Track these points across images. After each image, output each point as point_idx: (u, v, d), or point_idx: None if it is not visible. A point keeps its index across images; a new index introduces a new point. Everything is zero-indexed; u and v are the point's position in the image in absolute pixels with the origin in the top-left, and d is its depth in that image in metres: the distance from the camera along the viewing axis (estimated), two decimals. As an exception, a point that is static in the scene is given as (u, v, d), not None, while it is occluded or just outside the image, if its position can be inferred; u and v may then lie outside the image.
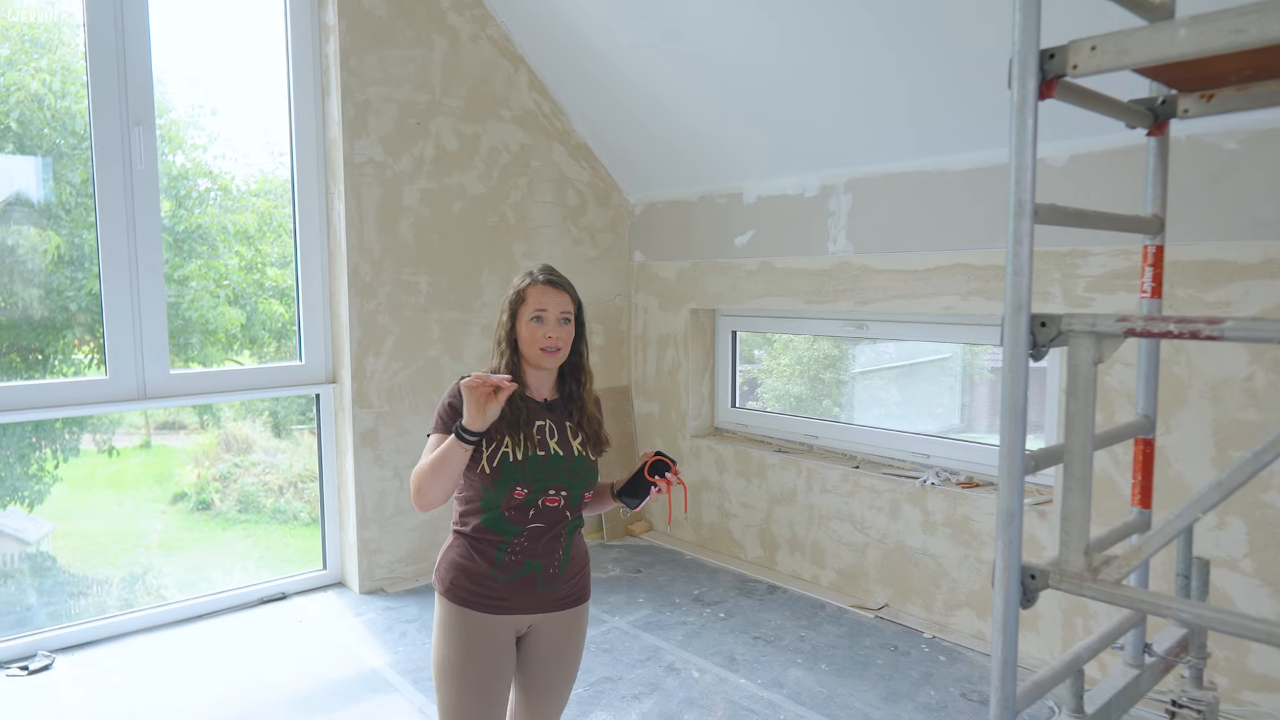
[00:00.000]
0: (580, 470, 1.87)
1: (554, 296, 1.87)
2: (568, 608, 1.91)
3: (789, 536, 3.94)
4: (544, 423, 1.88)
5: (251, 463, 4.19)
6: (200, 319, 3.59)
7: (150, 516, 3.93)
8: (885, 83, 3.09)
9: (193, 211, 3.61)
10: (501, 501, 1.81)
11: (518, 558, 1.82)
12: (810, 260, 3.75)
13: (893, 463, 3.72)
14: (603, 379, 4.63)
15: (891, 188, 3.42)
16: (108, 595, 3.64)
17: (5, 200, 3.11)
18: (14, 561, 3.49)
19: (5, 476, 3.36)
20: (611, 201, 4.61)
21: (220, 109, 3.68)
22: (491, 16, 4.03)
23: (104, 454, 3.69)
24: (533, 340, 1.85)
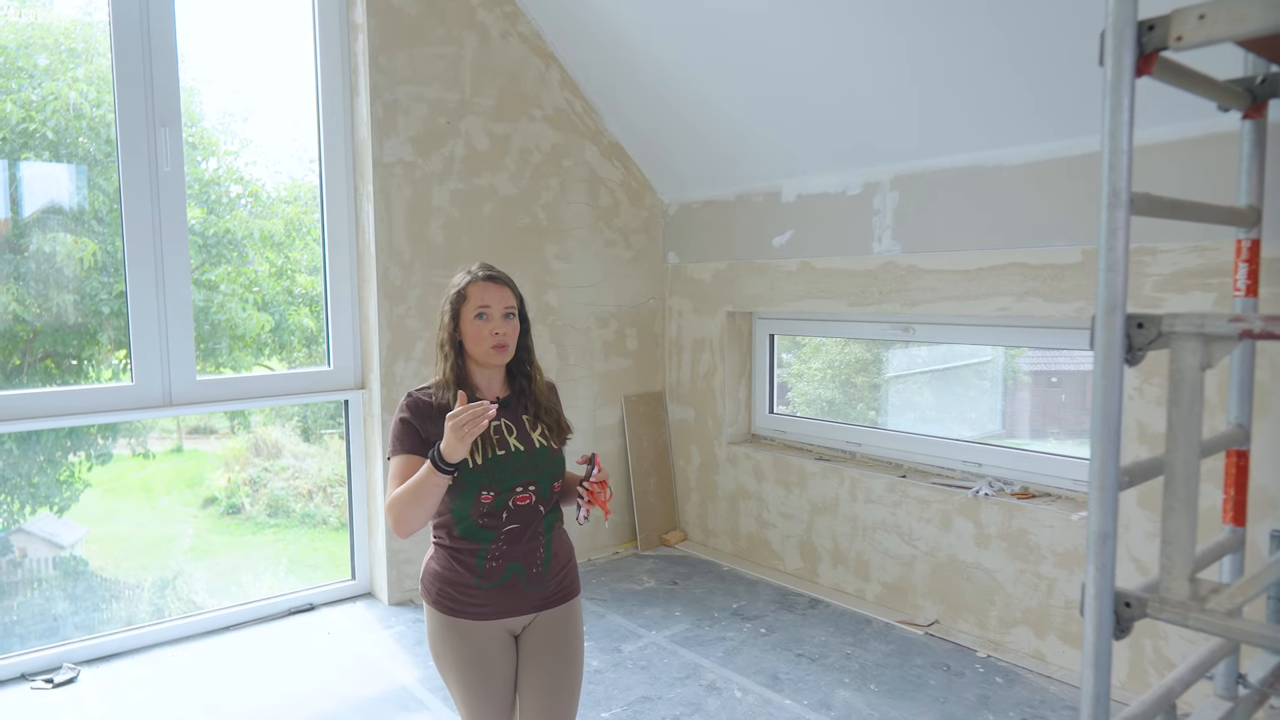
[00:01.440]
0: (545, 462, 1.84)
1: (496, 292, 1.84)
2: (557, 604, 1.88)
3: (831, 548, 3.79)
4: (499, 422, 1.84)
5: (281, 467, 4.18)
6: (229, 323, 3.55)
7: (181, 521, 3.92)
8: (935, 73, 2.94)
9: (223, 217, 3.57)
10: (471, 509, 1.77)
11: (499, 563, 1.79)
12: (853, 261, 3.60)
13: (941, 472, 3.55)
14: (636, 384, 4.51)
15: (941, 184, 3.26)
16: (139, 600, 3.61)
17: (42, 209, 3.10)
18: (47, 566, 3.46)
19: (39, 483, 3.34)
20: (645, 202, 4.50)
21: (251, 115, 3.65)
22: (522, 13, 3.94)
23: (138, 458, 3.68)
24: (479, 338, 1.82)
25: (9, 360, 3.11)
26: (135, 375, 3.19)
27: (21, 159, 3.03)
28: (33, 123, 3.03)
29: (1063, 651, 2.98)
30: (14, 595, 3.28)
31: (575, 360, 4.27)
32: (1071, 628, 2.95)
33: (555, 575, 1.87)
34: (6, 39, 3.04)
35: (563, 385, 4.18)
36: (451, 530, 1.82)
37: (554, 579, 1.87)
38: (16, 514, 3.37)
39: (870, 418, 4.23)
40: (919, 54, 2.92)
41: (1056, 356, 3.59)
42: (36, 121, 3.04)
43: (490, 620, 1.81)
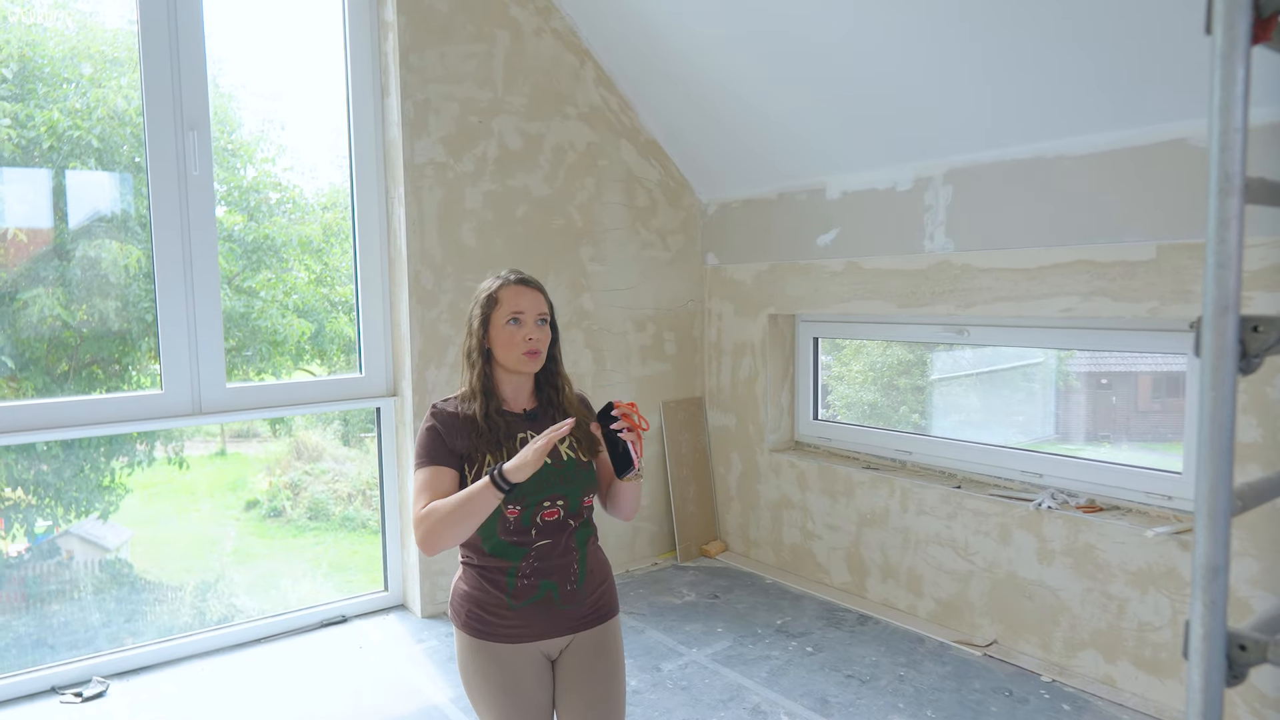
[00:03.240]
0: (573, 475, 1.75)
1: (530, 296, 1.77)
2: (595, 624, 1.78)
3: (881, 562, 3.60)
4: (525, 434, 1.76)
5: (321, 471, 4.18)
6: (269, 329, 3.50)
7: (224, 524, 3.92)
8: (991, 60, 2.76)
9: (262, 223, 3.54)
10: (497, 526, 1.70)
11: (531, 580, 1.71)
12: (903, 260, 3.42)
13: (999, 482, 3.35)
14: (675, 389, 4.37)
15: (998, 177, 3.07)
16: (180, 604, 3.59)
17: (88, 216, 3.10)
18: (93, 569, 3.45)
19: (81, 488, 3.34)
20: (683, 202, 4.35)
21: (289, 121, 3.62)
22: (555, 8, 3.82)
23: (174, 464, 3.67)
24: (511, 344, 1.74)
25: (57, 365, 3.13)
26: (165, 383, 3.14)
27: (69, 167, 3.03)
28: (78, 130, 3.04)
29: (1136, 677, 2.77)
30: (49, 603, 3.26)
31: (612, 365, 4.14)
32: (1145, 652, 2.74)
33: (592, 593, 1.78)
34: (53, 50, 3.07)
35: (599, 391, 4.05)
36: (480, 548, 1.74)
37: (590, 596, 1.77)
38: (60, 519, 3.38)
39: (914, 421, 4.05)
40: (973, 41, 2.74)
41: (1106, 357, 3.38)
42: (82, 129, 3.05)
43: (524, 643, 1.71)
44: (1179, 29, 2.30)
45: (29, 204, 3.05)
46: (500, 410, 1.77)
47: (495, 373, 1.79)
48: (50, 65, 3.06)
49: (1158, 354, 3.05)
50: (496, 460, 1.70)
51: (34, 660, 3.07)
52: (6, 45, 2.97)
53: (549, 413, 1.83)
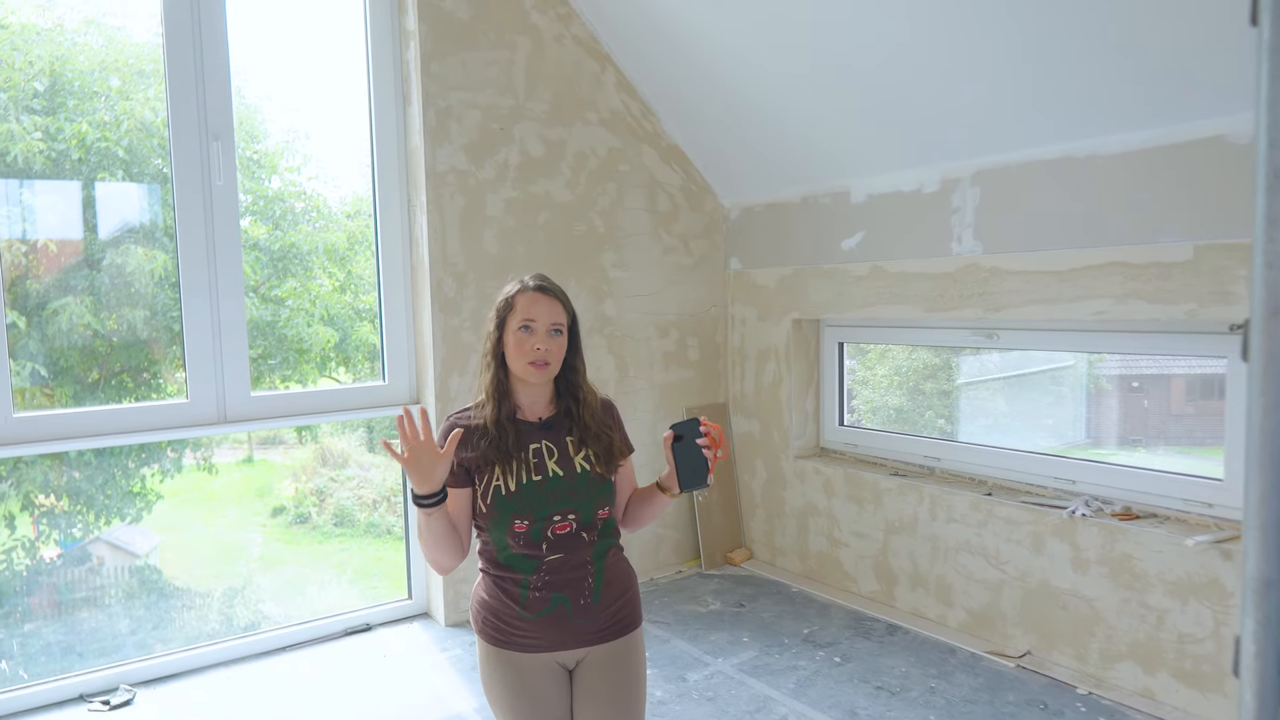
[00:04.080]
0: (586, 489, 1.70)
1: (545, 305, 1.72)
2: (612, 639, 1.74)
3: (910, 570, 3.54)
4: (540, 444, 1.72)
5: (347, 477, 4.21)
6: (295, 338, 3.52)
7: (251, 530, 3.94)
8: (1020, 58, 2.70)
9: (288, 232, 3.57)
10: (506, 539, 1.68)
11: (542, 593, 1.68)
12: (930, 263, 3.36)
13: (1030, 489, 3.28)
14: (698, 396, 4.34)
15: (1028, 178, 3.01)
16: (208, 609, 3.61)
17: (117, 227, 3.14)
18: (123, 574, 3.49)
19: (111, 494, 3.37)
20: (705, 206, 4.32)
21: (313, 131, 3.64)
22: (576, 15, 3.81)
23: (202, 471, 3.70)
24: (519, 352, 1.70)
25: (88, 374, 3.17)
26: (190, 392, 3.15)
27: (97, 179, 3.07)
28: (107, 141, 3.08)
29: (1176, 690, 2.69)
30: (78, 610, 3.29)
31: (635, 372, 4.11)
32: (1186, 665, 2.66)
33: (608, 606, 1.73)
34: (83, 64, 3.11)
35: (622, 397, 4.03)
36: (494, 558, 1.72)
37: (606, 610, 1.73)
38: (92, 525, 3.42)
39: (940, 426, 3.98)
40: (1001, 39, 2.68)
41: (1137, 359, 3.31)
42: (110, 141, 3.09)
43: (540, 653, 1.70)
44: (1216, 22, 2.24)
45: (59, 215, 3.10)
46: (513, 417, 1.73)
47: (511, 378, 1.75)
48: (80, 79, 3.10)
49: (1195, 358, 2.97)
50: (506, 470, 1.67)
51: (63, 668, 3.09)
52: (38, 60, 3.02)
53: (566, 422, 1.77)
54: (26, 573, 3.26)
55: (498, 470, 1.67)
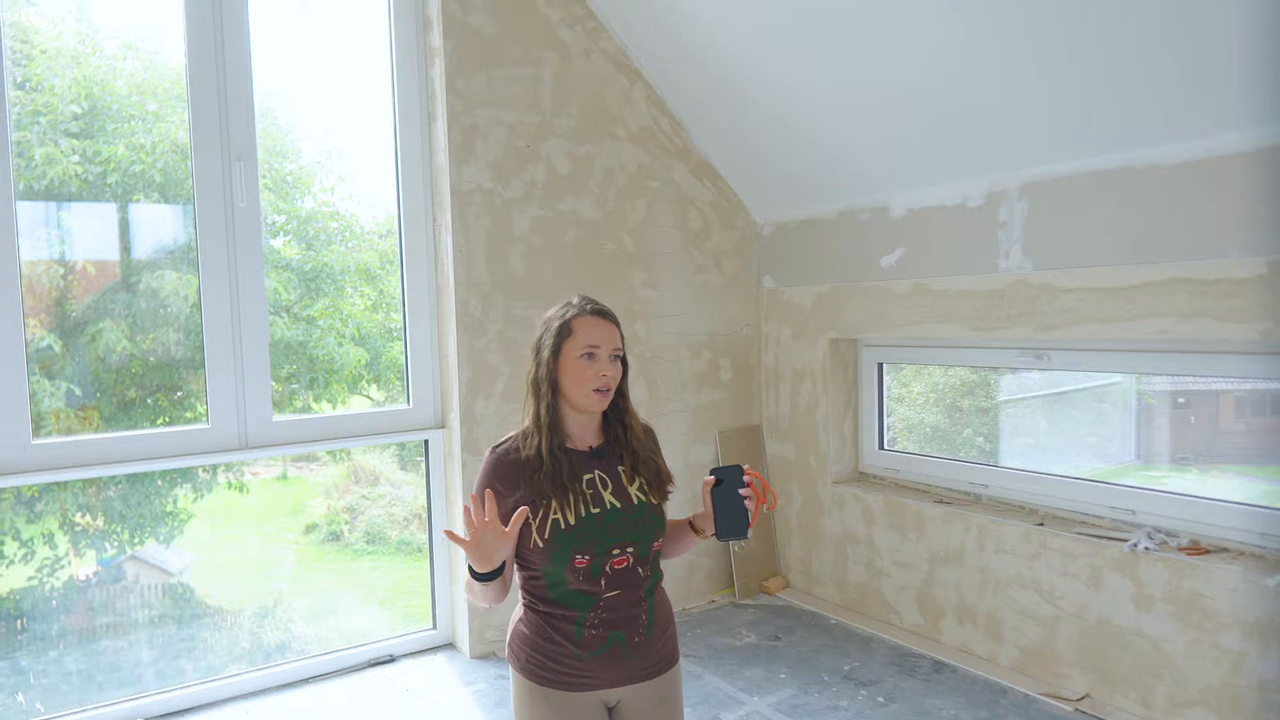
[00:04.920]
0: (644, 520, 1.66)
1: (605, 330, 1.66)
2: (656, 675, 1.70)
3: (956, 603, 3.36)
4: (593, 474, 1.67)
5: (379, 495, 4.17)
6: (326, 357, 3.49)
7: (284, 547, 3.93)
8: (1070, 65, 2.55)
9: (320, 252, 3.54)
10: (565, 575, 1.61)
11: (599, 631, 1.63)
12: (976, 280, 3.20)
13: (1086, 519, 3.09)
14: (731, 418, 4.19)
15: (1080, 190, 2.85)
16: (239, 629, 3.56)
17: (151, 248, 3.13)
18: (155, 593, 3.45)
19: (145, 514, 3.34)
20: (737, 223, 4.20)
21: (346, 152, 3.61)
22: (604, 29, 3.73)
23: (234, 490, 3.67)
24: (583, 380, 1.63)
25: (126, 393, 3.17)
26: (210, 417, 3.09)
27: (132, 200, 3.06)
28: (142, 164, 3.07)
29: (1254, 741, 2.49)
30: (104, 637, 3.24)
31: (666, 393, 3.99)
32: (1270, 716, 2.46)
33: (656, 642, 1.70)
34: (120, 88, 3.12)
35: (653, 420, 3.87)
36: (545, 595, 1.65)
37: (653, 646, 1.69)
38: (126, 544, 3.40)
39: (979, 444, 3.81)
40: (1048, 44, 2.54)
41: (1182, 375, 3.12)
42: (145, 163, 3.08)
43: (586, 691, 1.65)
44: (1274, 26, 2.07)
45: (96, 237, 3.11)
46: (565, 448, 1.66)
47: (561, 407, 1.68)
48: (117, 103, 3.12)
49: (1267, 381, 2.77)
50: (564, 504, 1.60)
51: (82, 699, 3.03)
52: (76, 84, 3.03)
53: (616, 450, 1.72)
54: (63, 589, 3.24)
55: (554, 504, 1.61)
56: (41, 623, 3.14)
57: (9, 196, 2.74)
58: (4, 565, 3.03)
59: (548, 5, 3.57)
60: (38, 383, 2.92)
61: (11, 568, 3.07)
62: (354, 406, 3.72)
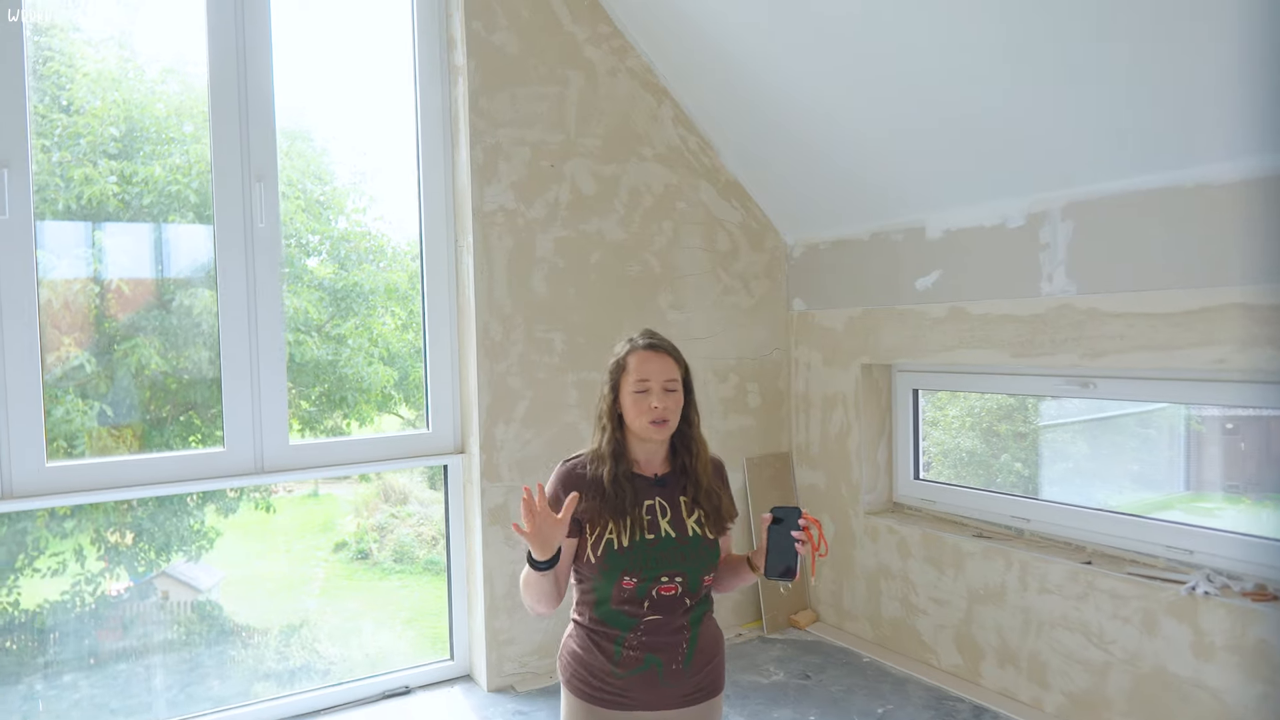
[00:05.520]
0: (697, 553, 1.72)
1: (657, 363, 1.75)
2: (694, 704, 1.74)
3: (997, 645, 3.18)
4: (654, 501, 1.74)
5: (408, 514, 4.16)
6: (355, 376, 3.47)
7: (313, 565, 3.97)
8: (1115, 81, 2.42)
9: (352, 272, 3.54)
10: (611, 592, 1.69)
11: (636, 652, 1.70)
12: (1017, 304, 3.06)
13: (1137, 558, 2.91)
14: (760, 445, 4.06)
15: (1128, 210, 2.70)
16: (265, 648, 3.56)
17: (185, 267, 3.14)
18: (185, 610, 3.43)
19: (172, 532, 3.35)
20: (766, 244, 4.09)
21: (378, 173, 3.61)
22: (632, 47, 3.66)
23: (261, 508, 3.65)
24: (638, 413, 1.72)
25: (161, 410, 3.19)
26: (226, 441, 3.04)
27: (167, 220, 3.08)
28: (178, 184, 3.10)
29: (1328, 807, 2.29)
30: (125, 656, 3.20)
31: (691, 419, 3.86)
32: (1344, 779, 2.26)
33: (697, 672, 1.73)
34: (159, 110, 3.15)
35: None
36: (591, 611, 1.75)
37: (693, 676, 1.73)
38: (154, 562, 3.39)
39: (1017, 469, 3.64)
40: (1094, 60, 2.41)
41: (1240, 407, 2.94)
42: (181, 184, 3.10)
43: (626, 710, 1.71)
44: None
45: (131, 256, 3.14)
46: (630, 475, 1.74)
47: (628, 436, 1.77)
48: (155, 125, 3.16)
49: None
50: (621, 527, 1.69)
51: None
52: (116, 106, 3.07)
53: (680, 480, 1.78)
54: (95, 605, 3.23)
55: (611, 525, 1.69)
56: (72, 639, 3.13)
57: (28, 219, 2.72)
58: (39, 579, 3.06)
59: (573, 23, 3.51)
60: (71, 402, 2.95)
61: (44, 582, 3.08)
62: (384, 425, 3.72)
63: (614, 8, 3.59)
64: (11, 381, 2.69)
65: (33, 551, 3.07)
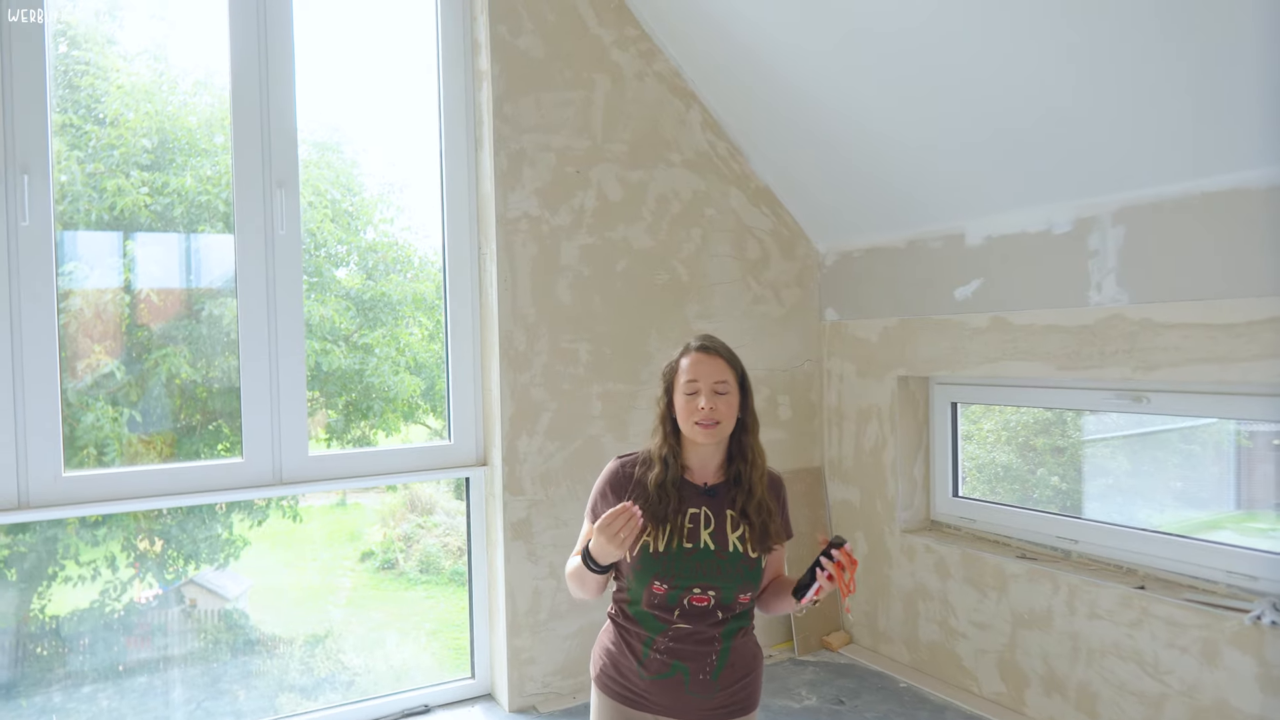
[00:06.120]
0: (734, 569, 1.67)
1: (708, 365, 1.72)
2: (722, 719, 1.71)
3: (1044, 672, 3.02)
4: (699, 510, 1.71)
5: (434, 524, 4.13)
6: (381, 385, 3.45)
7: (339, 575, 3.96)
8: (1170, 79, 2.28)
9: (379, 281, 3.53)
10: (642, 594, 1.69)
11: (664, 656, 1.68)
12: (1064, 314, 2.91)
13: (1195, 583, 2.74)
14: (791, 459, 3.93)
15: (1185, 215, 2.55)
16: (290, 658, 3.55)
17: (215, 277, 3.14)
18: (212, 618, 3.42)
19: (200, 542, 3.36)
20: (797, 252, 3.97)
21: (406, 184, 3.58)
22: (659, 51, 3.58)
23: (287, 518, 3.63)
24: (688, 414, 1.70)
25: (191, 418, 3.19)
26: (245, 452, 2.98)
27: (197, 230, 3.08)
28: (208, 195, 3.10)
29: None
30: (144, 668, 3.17)
31: (720, 432, 3.75)
32: None
33: (727, 686, 1.70)
34: (191, 122, 3.16)
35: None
36: (626, 609, 1.75)
37: (724, 690, 1.70)
38: (182, 570, 3.37)
39: (1054, 484, 3.49)
40: (1150, 55, 2.27)
41: None
42: (211, 194, 3.10)
43: (652, 714, 1.71)
44: None
45: (162, 266, 3.15)
46: (678, 481, 1.72)
47: (683, 441, 1.75)
48: (187, 137, 3.18)
49: None
50: (659, 532, 1.67)
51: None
52: (149, 118, 3.08)
53: (731, 492, 1.73)
54: (123, 612, 3.20)
55: (650, 528, 1.67)
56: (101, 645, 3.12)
57: (48, 226, 2.69)
58: (70, 587, 3.05)
59: (600, 26, 3.43)
60: (101, 409, 2.95)
61: (74, 589, 3.07)
62: (411, 435, 3.68)
63: (641, 10, 3.51)
64: (30, 389, 2.66)
65: (63, 560, 3.06)
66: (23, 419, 2.65)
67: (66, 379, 2.82)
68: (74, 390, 2.87)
